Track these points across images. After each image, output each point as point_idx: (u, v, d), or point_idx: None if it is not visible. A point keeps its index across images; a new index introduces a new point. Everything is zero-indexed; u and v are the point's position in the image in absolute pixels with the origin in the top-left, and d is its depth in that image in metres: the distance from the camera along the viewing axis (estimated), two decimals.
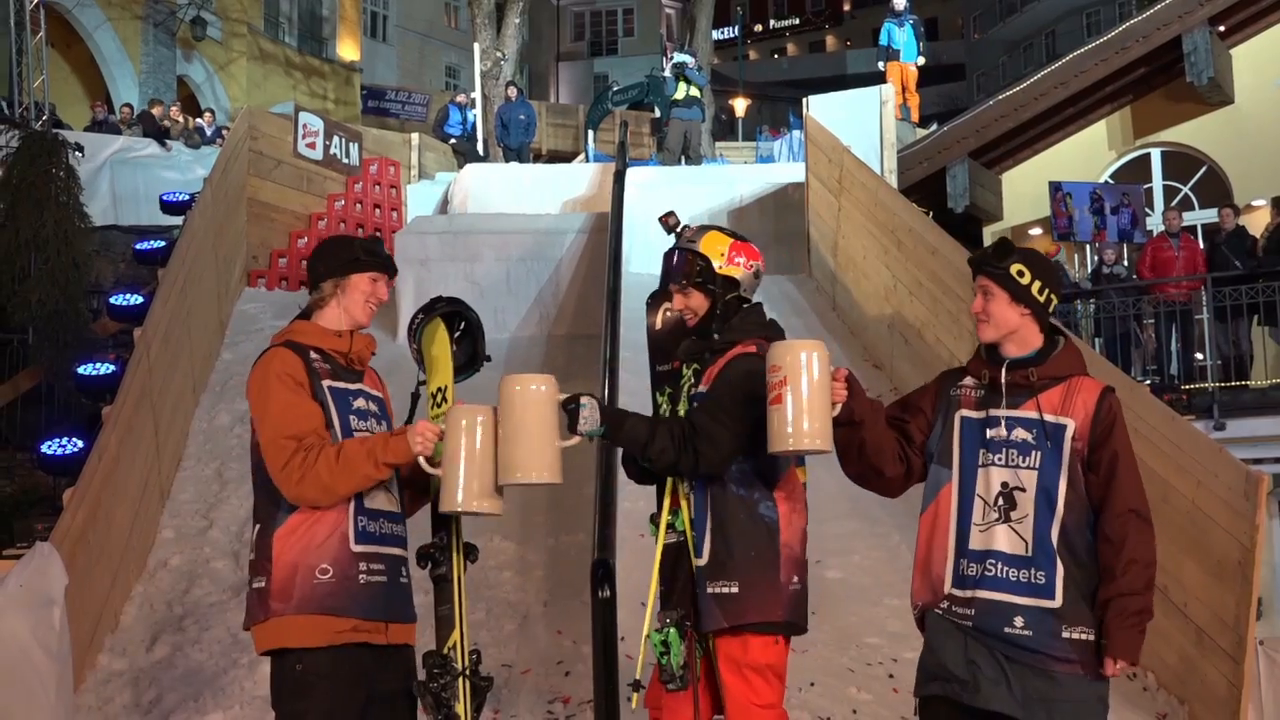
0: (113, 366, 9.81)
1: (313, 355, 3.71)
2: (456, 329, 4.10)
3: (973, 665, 3.53)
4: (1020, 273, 3.63)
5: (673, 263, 4.03)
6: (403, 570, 3.76)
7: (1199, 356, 13.10)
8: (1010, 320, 3.65)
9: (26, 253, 12.92)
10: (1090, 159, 16.91)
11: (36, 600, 6.00)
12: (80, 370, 10.11)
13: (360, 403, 3.78)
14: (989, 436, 3.62)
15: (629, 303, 10.29)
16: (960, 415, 3.70)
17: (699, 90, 18.47)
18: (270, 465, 3.58)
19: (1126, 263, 14.47)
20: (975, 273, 3.72)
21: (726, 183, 16.59)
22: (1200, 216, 15.99)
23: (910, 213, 11.77)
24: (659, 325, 4.28)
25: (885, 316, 11.91)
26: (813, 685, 6.50)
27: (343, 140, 17.94)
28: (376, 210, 18.23)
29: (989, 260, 3.68)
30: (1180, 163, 16.64)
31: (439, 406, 3.93)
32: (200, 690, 6.66)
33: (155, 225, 15.67)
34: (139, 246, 13.41)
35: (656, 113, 21.28)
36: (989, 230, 17.01)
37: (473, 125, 20.93)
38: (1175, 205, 15.80)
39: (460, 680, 3.69)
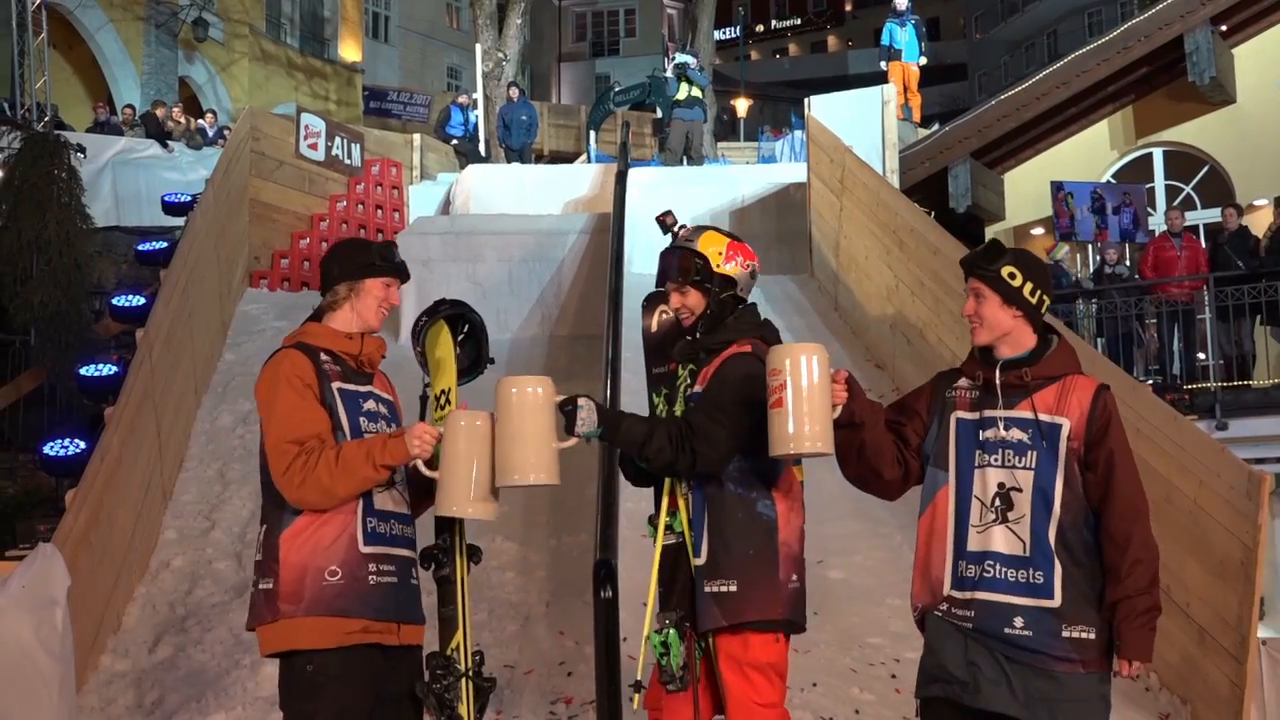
0: (115, 367, 9.80)
1: (323, 357, 3.72)
2: (460, 331, 4.11)
3: (973, 666, 3.53)
4: (1011, 275, 3.62)
5: (670, 262, 4.02)
6: (413, 571, 3.77)
7: (1201, 356, 13.09)
8: (1003, 323, 3.64)
9: (29, 254, 12.94)
10: (1092, 159, 16.89)
11: (39, 601, 6.01)
12: (82, 371, 10.10)
13: (370, 405, 3.79)
14: (984, 437, 3.62)
15: (631, 303, 10.26)
16: (955, 417, 3.69)
17: (701, 90, 18.45)
18: (273, 469, 3.60)
19: (1129, 262, 14.46)
20: (966, 275, 3.71)
21: (728, 183, 16.59)
22: (1202, 216, 15.98)
23: (912, 213, 11.76)
24: (654, 328, 4.28)
25: (887, 317, 11.90)
26: (815, 686, 6.50)
27: (344, 141, 17.97)
28: (378, 211, 18.23)
29: (980, 263, 3.68)
30: (1182, 162, 16.62)
31: (442, 409, 3.94)
32: (203, 691, 6.66)
33: (157, 226, 15.67)
34: (141, 247, 13.40)
35: (658, 113, 21.26)
36: (991, 230, 16.99)
37: (474, 126, 20.92)
38: (1177, 205, 15.78)
39: (463, 681, 3.70)
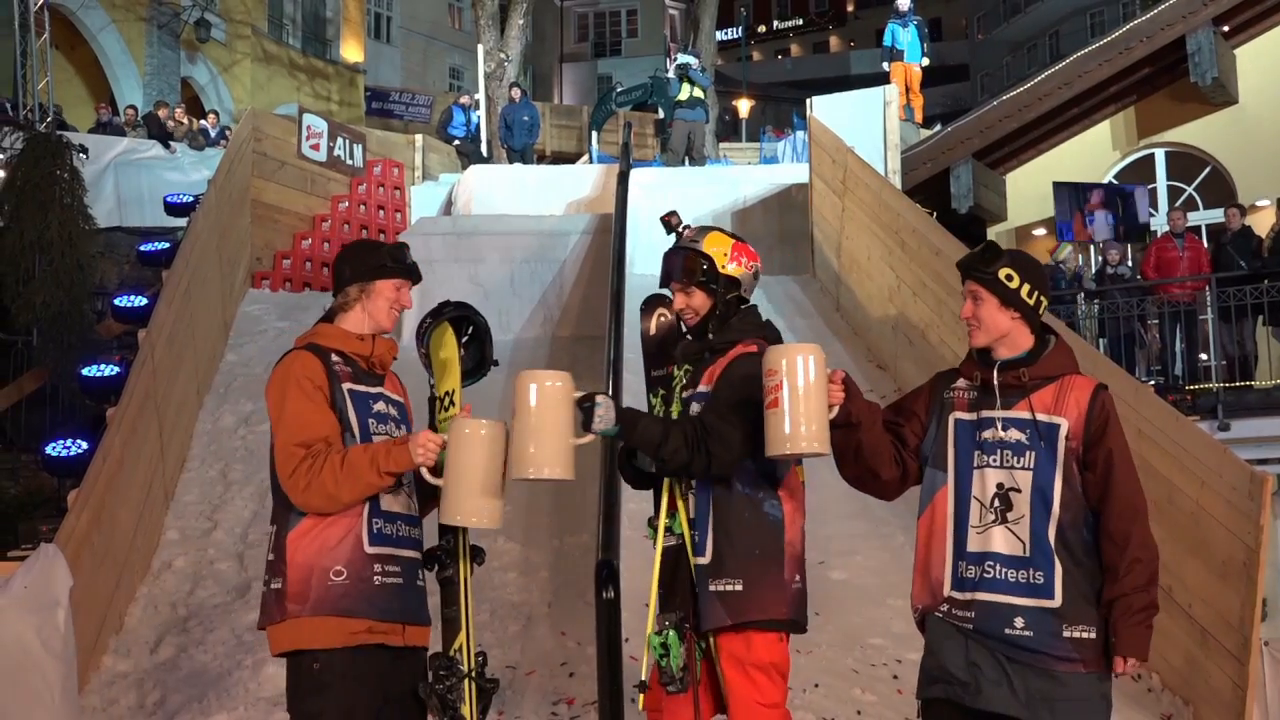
0: (117, 368, 9.81)
1: (334, 358, 3.73)
2: (465, 333, 4.12)
3: (974, 667, 3.53)
4: (1009, 277, 3.62)
5: (675, 262, 4.01)
6: (418, 573, 3.78)
7: (1203, 357, 13.08)
8: (1001, 325, 3.64)
9: (31, 254, 12.96)
10: (1094, 159, 16.88)
11: (41, 602, 6.01)
12: (85, 372, 10.10)
13: (380, 406, 3.79)
14: (982, 438, 3.62)
15: (632, 304, 10.23)
16: (954, 418, 3.69)
17: (703, 91, 18.45)
18: (280, 472, 3.61)
19: (1131, 263, 14.45)
20: (964, 278, 3.71)
21: (730, 184, 16.59)
22: (1204, 217, 15.98)
23: (914, 213, 11.76)
24: (653, 330, 4.28)
25: (889, 317, 11.90)
26: (817, 686, 6.50)
27: (347, 142, 17.98)
28: (380, 212, 18.24)
29: (977, 265, 3.67)
30: (1184, 163, 16.61)
31: (446, 410, 3.94)
32: (205, 691, 6.66)
33: (159, 227, 15.68)
34: (143, 248, 13.40)
35: (660, 114, 21.26)
36: (993, 231, 16.98)
37: (476, 126, 20.93)
38: (1179, 205, 15.77)
39: (466, 682, 3.70)
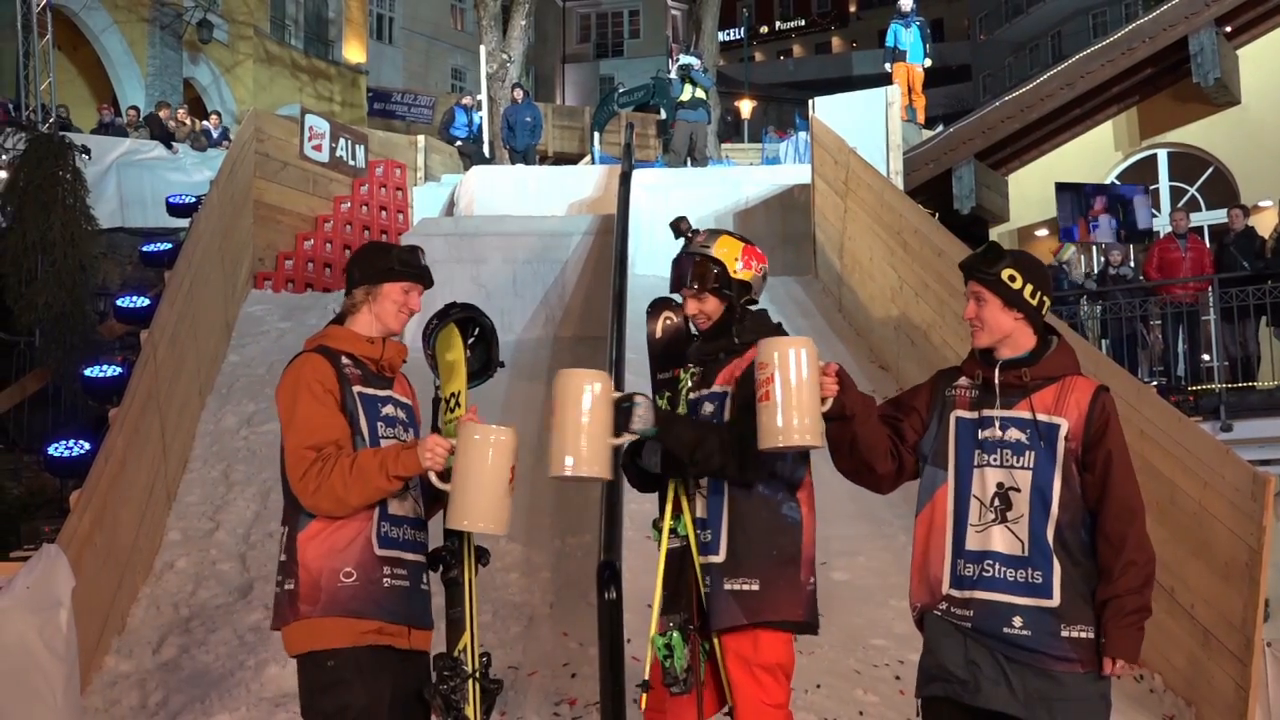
0: (119, 369, 9.81)
1: (344, 361, 3.73)
2: (470, 335, 4.12)
3: (973, 665, 3.53)
4: (1011, 277, 3.62)
5: (687, 268, 4.00)
6: (424, 577, 3.79)
7: (1206, 358, 13.07)
8: (1004, 325, 3.64)
9: (33, 255, 12.99)
10: (1097, 160, 16.87)
11: (43, 602, 6.01)
12: (87, 372, 10.11)
13: (389, 409, 3.80)
14: (983, 437, 3.62)
15: (634, 305, 10.29)
16: (955, 416, 3.69)
17: (705, 92, 18.47)
18: (290, 474, 3.63)
19: (1133, 264, 14.45)
20: (966, 278, 3.71)
21: (732, 184, 16.59)
22: (1207, 217, 15.96)
23: (916, 214, 11.76)
24: (659, 333, 4.28)
25: (891, 318, 11.89)
26: (819, 687, 6.49)
27: (349, 142, 17.98)
28: (382, 212, 18.24)
29: (979, 266, 3.67)
30: (1187, 163, 16.60)
31: (452, 412, 3.95)
32: (207, 692, 6.66)
33: (162, 227, 15.70)
34: (145, 249, 13.42)
35: (662, 115, 21.29)
36: (995, 231, 16.98)
37: (478, 127, 20.94)
38: (1182, 206, 15.76)
39: (470, 683, 3.70)
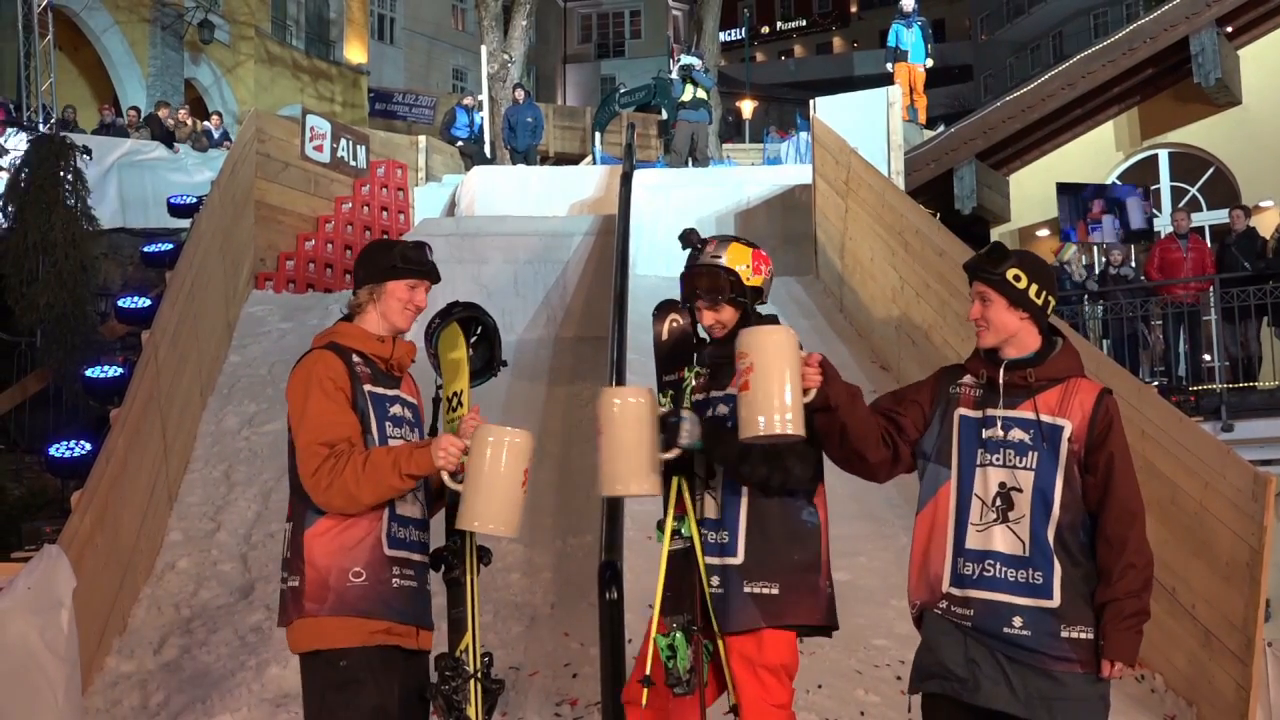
0: (120, 369, 9.83)
1: (355, 359, 3.72)
2: (473, 334, 4.12)
3: (972, 664, 3.54)
4: (1017, 277, 3.62)
5: (701, 280, 3.99)
6: (427, 577, 3.79)
7: (1207, 358, 13.08)
8: (1009, 325, 3.64)
9: (35, 255, 12.99)
10: (1098, 160, 16.87)
11: (44, 603, 6.01)
12: (88, 373, 10.12)
13: (396, 409, 3.79)
14: (986, 436, 3.62)
15: (636, 305, 10.29)
16: (959, 414, 3.69)
17: (706, 92, 18.46)
18: (301, 470, 3.60)
19: (1134, 264, 14.45)
20: (971, 279, 3.70)
21: (733, 185, 16.58)
22: (1208, 218, 15.97)
23: (917, 214, 11.75)
24: (665, 335, 4.28)
25: (892, 318, 11.89)
26: (820, 687, 6.49)
27: (350, 143, 17.98)
28: (384, 213, 18.23)
29: (984, 266, 3.67)
30: (1188, 164, 16.60)
31: (454, 411, 3.94)
32: (208, 692, 6.67)
33: (163, 228, 15.71)
34: (147, 249, 13.43)
35: (663, 115, 21.33)
36: (996, 232, 16.98)
37: (480, 128, 20.94)
38: (1183, 206, 15.76)
39: (472, 683, 3.70)
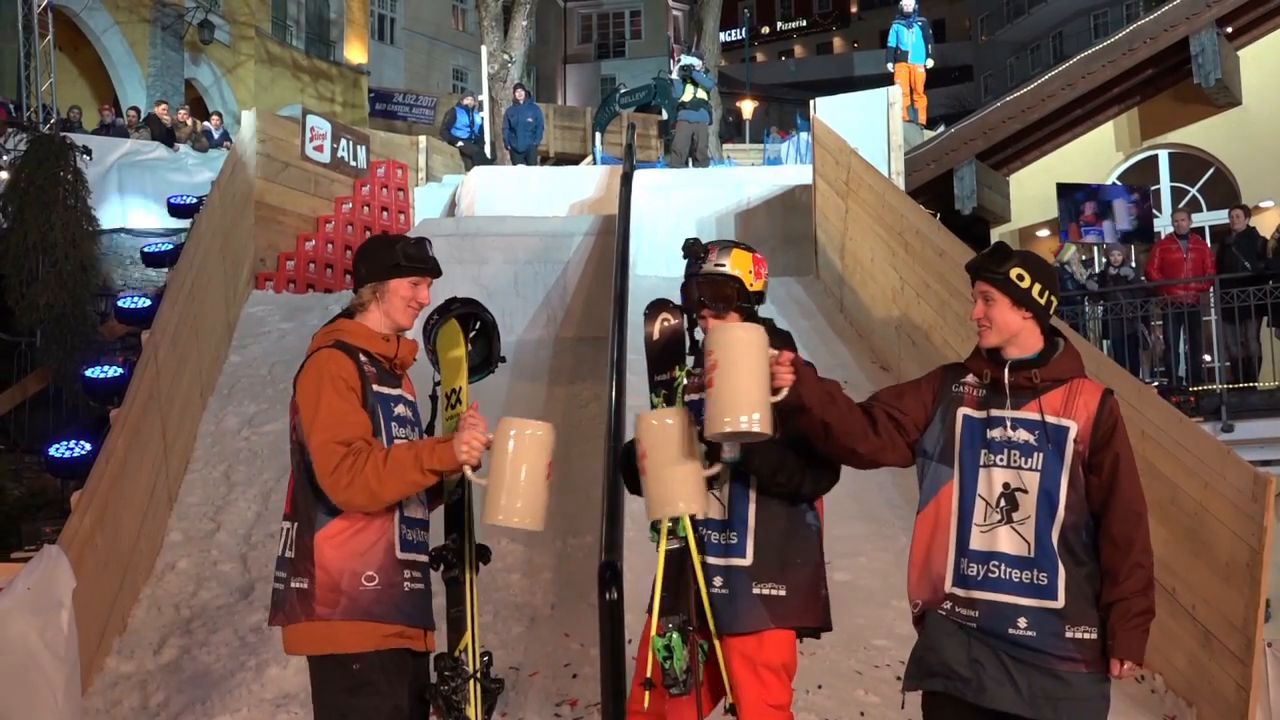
0: (120, 369, 9.84)
1: (362, 358, 3.69)
2: (471, 330, 4.11)
3: (976, 664, 3.54)
4: (1020, 276, 3.61)
5: (707, 290, 3.99)
6: (430, 577, 3.78)
7: (1207, 358, 13.08)
8: (1012, 325, 3.64)
9: (35, 256, 12.99)
10: (1098, 160, 16.87)
11: (44, 603, 6.01)
12: (88, 373, 10.13)
13: (400, 409, 3.77)
14: (991, 437, 3.62)
15: (636, 305, 10.26)
16: (962, 414, 3.69)
17: (706, 92, 18.46)
18: (319, 469, 3.54)
19: (1134, 264, 14.45)
20: (974, 278, 3.70)
21: (734, 185, 16.56)
22: (1208, 218, 15.97)
23: (917, 214, 11.75)
24: (656, 335, 4.29)
25: (893, 319, 11.89)
26: (820, 688, 6.49)
27: (350, 143, 17.98)
28: (384, 213, 18.24)
29: (988, 265, 3.66)
30: (1188, 164, 16.60)
31: (453, 408, 3.93)
32: (208, 693, 6.67)
33: (163, 228, 15.73)
34: (147, 249, 13.45)
35: (664, 115, 21.32)
36: (996, 232, 16.98)
37: (480, 128, 20.93)
38: (1183, 207, 15.76)
39: (471, 683, 3.69)
